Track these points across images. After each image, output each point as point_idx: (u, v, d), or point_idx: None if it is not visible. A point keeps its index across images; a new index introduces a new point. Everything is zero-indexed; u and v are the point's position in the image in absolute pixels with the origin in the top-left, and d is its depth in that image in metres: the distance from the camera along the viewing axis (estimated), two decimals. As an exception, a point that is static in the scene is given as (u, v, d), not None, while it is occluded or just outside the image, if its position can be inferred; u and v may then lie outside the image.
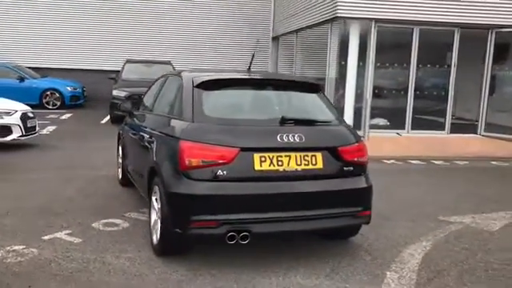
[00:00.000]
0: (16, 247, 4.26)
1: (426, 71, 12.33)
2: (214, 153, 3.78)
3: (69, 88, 16.16)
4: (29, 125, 9.51)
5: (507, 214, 6.00)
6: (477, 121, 12.79)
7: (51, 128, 12.17)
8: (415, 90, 12.11)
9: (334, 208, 4.07)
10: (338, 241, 4.76)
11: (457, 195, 7.05)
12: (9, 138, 9.07)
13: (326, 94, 12.12)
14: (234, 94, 4.39)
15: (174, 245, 4.07)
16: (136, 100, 6.39)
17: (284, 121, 4.07)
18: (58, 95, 15.89)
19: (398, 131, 12.16)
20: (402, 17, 11.46)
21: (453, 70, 12.14)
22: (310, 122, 4.25)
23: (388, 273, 4.08)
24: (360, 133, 11.35)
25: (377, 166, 9.11)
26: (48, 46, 17.60)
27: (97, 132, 12.01)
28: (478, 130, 12.60)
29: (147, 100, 5.66)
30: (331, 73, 12.37)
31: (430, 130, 12.35)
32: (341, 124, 4.46)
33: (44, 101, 15.73)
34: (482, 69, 12.30)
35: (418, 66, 12.00)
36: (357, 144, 4.29)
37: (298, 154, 3.97)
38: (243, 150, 3.82)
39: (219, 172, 3.77)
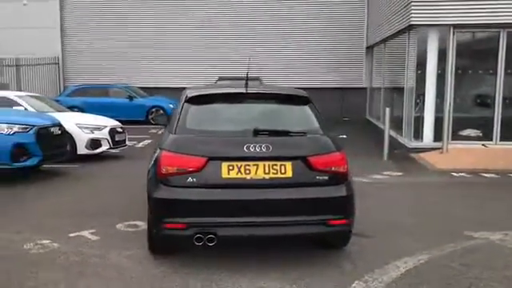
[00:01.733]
0: (44, 241, 5.05)
1: (516, 77, 11.36)
2: (186, 162, 4.18)
3: (171, 105, 17.59)
4: (117, 138, 10.77)
5: (548, 232, 5.48)
6: None
7: (147, 142, 13.48)
8: (504, 98, 11.22)
9: (302, 215, 4.20)
10: (332, 249, 4.84)
11: (506, 211, 6.54)
12: (98, 150, 10.36)
13: (404, 104, 11.90)
14: (219, 108, 4.74)
15: (156, 244, 4.54)
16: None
17: (257, 132, 4.34)
18: (161, 112, 17.44)
19: (485, 142, 11.35)
20: (486, 20, 10.77)
21: (550, 74, 11.04)
22: (284, 133, 4.43)
23: (356, 282, 4.10)
24: (440, 144, 10.92)
25: (439, 179, 8.76)
26: (155, 68, 19.33)
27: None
28: None
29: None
30: (409, 82, 11.98)
31: (525, 141, 11.30)
32: (321, 134, 4.54)
33: (150, 117, 17.41)
34: None
35: (506, 71, 11.12)
36: (332, 154, 4.37)
37: (265, 163, 4.20)
38: (212, 159, 4.17)
39: (189, 179, 4.15)
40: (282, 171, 4.22)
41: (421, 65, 11.48)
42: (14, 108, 10.12)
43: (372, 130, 15.74)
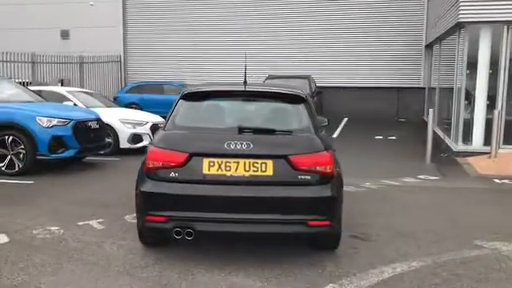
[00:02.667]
0: (52, 228, 5.37)
1: None
2: (169, 157, 4.28)
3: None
4: (158, 134, 11.13)
5: None
6: None
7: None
8: None
9: (281, 214, 4.16)
10: (321, 251, 4.74)
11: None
12: (139, 145, 10.79)
13: (453, 106, 11.34)
14: (210, 105, 4.80)
15: (143, 235, 4.69)
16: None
17: (241, 130, 4.36)
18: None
19: (541, 148, 10.56)
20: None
21: None
22: (268, 131, 4.42)
23: (330, 284, 4.01)
24: (488, 148, 10.30)
25: (477, 185, 8.31)
26: (208, 66, 19.68)
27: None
28: None
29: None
30: (458, 82, 11.39)
31: None
32: (309, 133, 4.47)
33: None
34: None
35: None
36: (317, 153, 4.29)
37: (246, 161, 4.20)
38: (194, 155, 4.24)
39: (172, 174, 4.26)
40: (263, 169, 4.20)
41: (471, 64, 10.88)
42: (65, 103, 10.76)
43: (426, 132, 15.10)
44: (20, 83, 13.20)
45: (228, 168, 4.21)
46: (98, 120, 9.27)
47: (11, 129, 8.20)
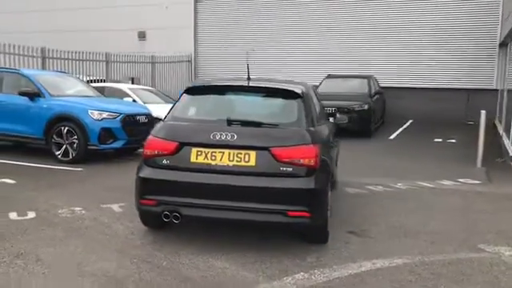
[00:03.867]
0: (76, 208, 5.93)
1: None
2: (162, 145, 4.64)
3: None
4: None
5: None
6: None
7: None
8: None
9: (261, 203, 4.34)
10: (313, 244, 4.85)
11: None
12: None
13: (502, 107, 10.68)
14: (208, 99, 5.10)
15: (141, 218, 5.06)
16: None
17: (230, 122, 4.61)
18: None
19: None
20: None
21: None
22: (255, 124, 4.62)
23: (301, 273, 4.13)
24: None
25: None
26: (271, 65, 19.85)
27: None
28: None
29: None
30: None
31: None
32: (297, 127, 4.60)
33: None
34: None
35: None
36: (301, 146, 4.42)
37: (231, 151, 4.45)
38: (184, 144, 4.56)
39: (164, 161, 4.61)
40: (246, 160, 4.42)
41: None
42: (125, 99, 11.60)
43: (492, 136, 14.32)
44: (94, 80, 14.40)
45: (213, 157, 4.48)
46: (148, 115, 9.89)
47: (68, 120, 9.02)
